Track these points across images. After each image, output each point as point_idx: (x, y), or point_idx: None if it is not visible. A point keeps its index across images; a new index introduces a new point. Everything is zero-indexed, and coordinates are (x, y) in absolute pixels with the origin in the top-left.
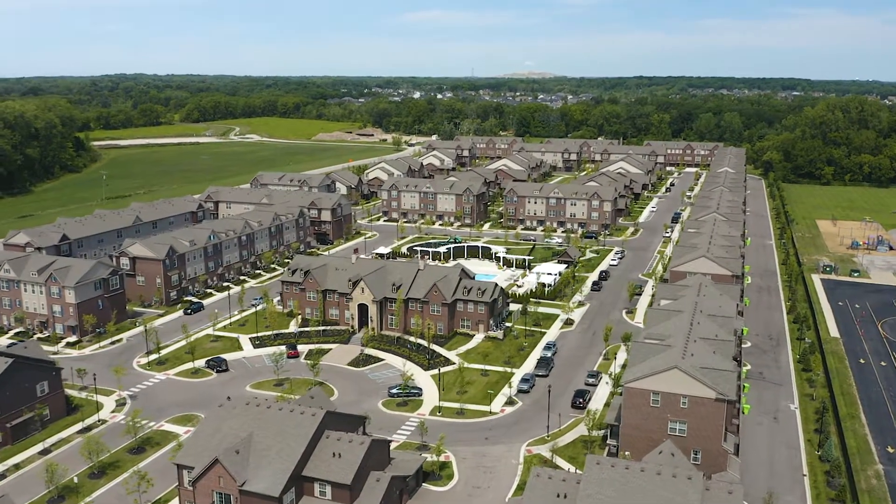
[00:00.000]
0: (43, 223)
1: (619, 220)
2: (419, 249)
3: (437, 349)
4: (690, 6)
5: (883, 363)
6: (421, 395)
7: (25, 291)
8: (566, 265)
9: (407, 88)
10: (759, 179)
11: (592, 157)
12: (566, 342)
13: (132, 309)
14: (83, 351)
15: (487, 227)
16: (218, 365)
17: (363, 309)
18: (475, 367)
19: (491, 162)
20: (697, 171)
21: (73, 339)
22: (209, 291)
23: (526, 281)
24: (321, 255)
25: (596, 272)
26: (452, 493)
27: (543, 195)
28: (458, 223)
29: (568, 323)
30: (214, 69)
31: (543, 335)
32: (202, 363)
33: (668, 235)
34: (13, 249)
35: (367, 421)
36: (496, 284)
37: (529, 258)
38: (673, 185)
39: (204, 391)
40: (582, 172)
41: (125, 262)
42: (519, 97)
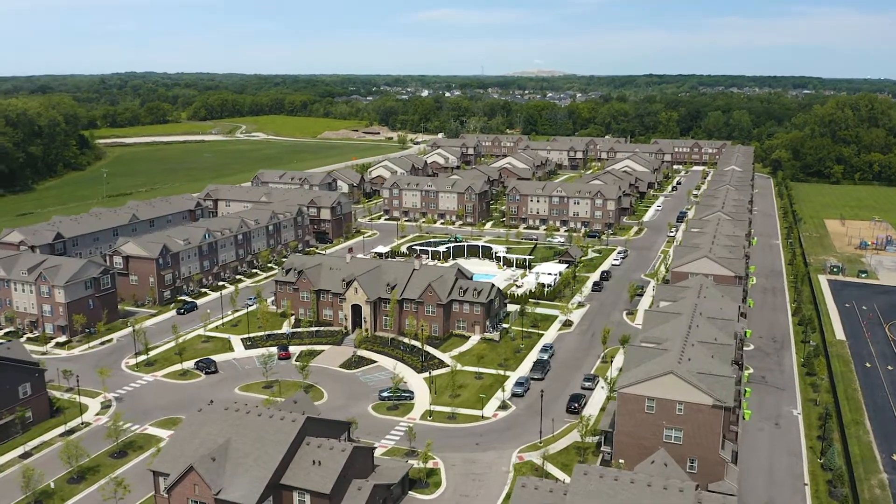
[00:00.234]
0: (41, 221)
1: (623, 219)
2: (418, 248)
3: (431, 351)
4: (701, 4)
5: (890, 367)
6: (412, 398)
7: (15, 290)
8: (567, 265)
9: (416, 87)
10: (767, 178)
11: (599, 155)
12: (564, 344)
13: (124, 308)
14: (72, 351)
15: (489, 225)
16: (207, 366)
17: (357, 309)
18: (470, 369)
19: (496, 160)
20: (704, 169)
21: (62, 339)
22: (204, 291)
23: (525, 281)
24: (320, 254)
25: (597, 272)
26: (439, 501)
27: (546, 194)
28: (459, 222)
29: (567, 324)
30: (225, 68)
31: (541, 337)
32: (191, 364)
33: (672, 235)
34: (7, 248)
35: (351, 427)
36: (493, 285)
37: (530, 258)
38: (679, 183)
39: (191, 393)
40: (588, 171)
41: (118, 260)
42: (527, 95)
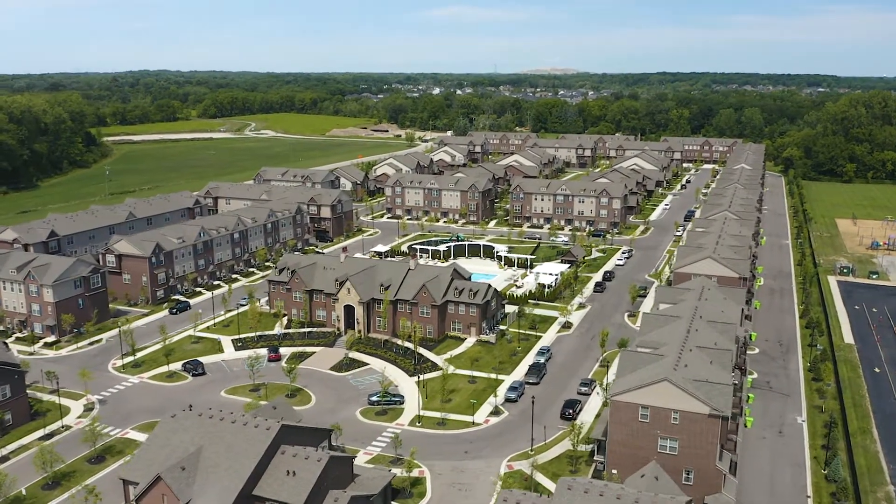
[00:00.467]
0: (41, 219)
1: (629, 217)
2: (418, 248)
3: (425, 353)
4: (716, 2)
5: None
6: (402, 403)
7: (5, 289)
8: (569, 265)
9: (427, 84)
10: (778, 177)
11: (607, 153)
12: (562, 347)
13: (116, 308)
14: (60, 352)
15: (493, 224)
16: (194, 368)
17: (350, 310)
18: (463, 373)
19: (503, 158)
20: (714, 167)
21: (51, 339)
22: (199, 290)
23: (526, 281)
24: (319, 253)
25: (600, 272)
26: None
27: (550, 192)
28: (462, 220)
29: (566, 326)
30: (238, 66)
31: (539, 339)
32: (178, 366)
33: (679, 234)
34: (0, 246)
35: (332, 434)
36: (489, 285)
37: (531, 257)
38: (689, 182)
39: (176, 396)
40: (596, 169)
41: (111, 259)
42: (539, 93)
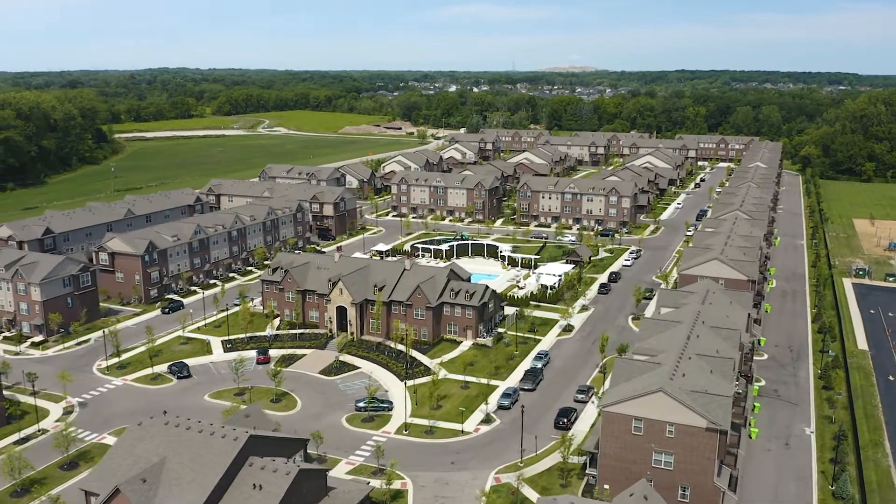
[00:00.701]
0: (41, 216)
1: (640, 217)
2: (420, 247)
3: (418, 357)
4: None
5: None
6: (391, 409)
7: None
8: (573, 265)
9: (444, 82)
10: (796, 175)
11: (621, 150)
12: (561, 351)
13: (107, 307)
14: (46, 352)
15: (500, 223)
16: (179, 370)
17: (342, 311)
18: (456, 377)
19: (514, 155)
20: (730, 165)
21: (39, 338)
22: (194, 289)
23: (528, 282)
24: (320, 252)
25: (606, 273)
26: None
27: (558, 190)
28: (468, 219)
29: (567, 329)
30: (257, 64)
31: (538, 343)
32: (164, 368)
33: (690, 234)
34: None
35: (308, 444)
36: (487, 287)
37: (536, 257)
38: (703, 180)
39: (159, 399)
40: (609, 167)
41: (104, 257)
42: (556, 90)
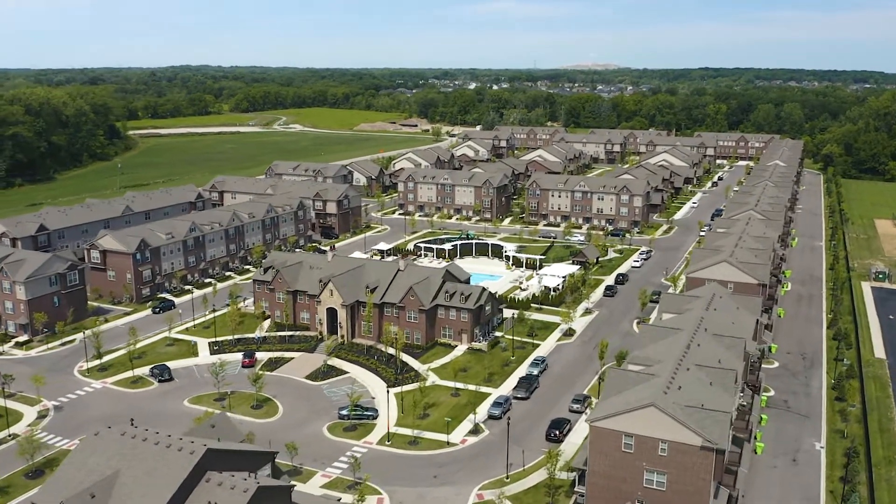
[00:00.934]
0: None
1: (653, 216)
2: (423, 246)
3: (409, 362)
4: None
5: None
6: (376, 417)
7: None
8: (580, 266)
9: (464, 80)
10: (817, 174)
11: (638, 148)
12: (561, 357)
13: (97, 306)
14: (30, 352)
15: (508, 222)
16: (161, 373)
17: (333, 313)
18: (447, 384)
19: (528, 153)
20: (749, 164)
21: (24, 338)
22: (188, 288)
23: (531, 284)
24: (321, 250)
25: (613, 275)
26: None
27: (568, 188)
28: (476, 217)
29: (568, 334)
30: (279, 62)
31: (536, 348)
32: (146, 371)
33: (703, 234)
34: None
35: (276, 456)
36: (483, 289)
37: (541, 258)
38: (721, 178)
39: (136, 404)
40: (625, 165)
41: (96, 255)
42: (577, 88)
